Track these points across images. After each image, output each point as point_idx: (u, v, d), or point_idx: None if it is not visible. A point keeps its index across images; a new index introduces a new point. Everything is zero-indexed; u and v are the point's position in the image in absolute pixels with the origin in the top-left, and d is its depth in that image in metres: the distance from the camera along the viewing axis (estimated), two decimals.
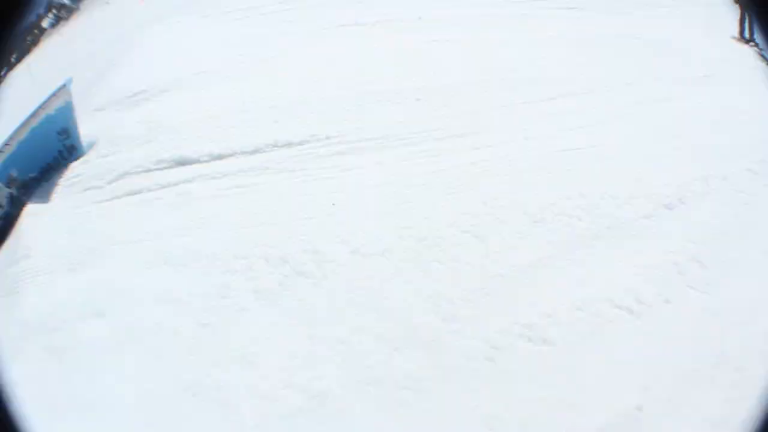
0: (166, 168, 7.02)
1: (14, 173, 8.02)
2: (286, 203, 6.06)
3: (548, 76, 8.29)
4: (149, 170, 7.04)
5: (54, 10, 68.51)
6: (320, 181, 6.32)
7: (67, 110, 7.90)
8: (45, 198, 7.49)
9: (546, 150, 6.60)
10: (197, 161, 6.97)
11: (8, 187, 8.01)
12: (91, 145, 8.13)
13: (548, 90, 7.93)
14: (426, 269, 5.06)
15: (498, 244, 5.21)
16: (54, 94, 7.83)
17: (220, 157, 6.95)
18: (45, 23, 69.25)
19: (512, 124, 7.13)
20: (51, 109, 7.79)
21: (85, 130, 8.26)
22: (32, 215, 7.19)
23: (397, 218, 5.69)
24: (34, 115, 7.90)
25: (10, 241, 7.18)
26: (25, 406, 4.20)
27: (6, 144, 7.97)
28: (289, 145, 6.93)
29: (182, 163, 7.01)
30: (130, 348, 4.70)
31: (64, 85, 7.77)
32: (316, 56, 9.88)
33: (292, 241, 5.47)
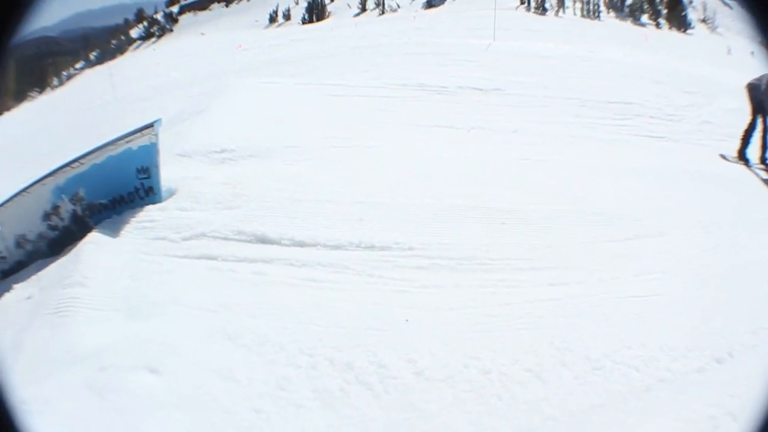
0: (245, 241, 7.03)
1: (82, 192, 8.17)
2: (359, 308, 5.98)
3: (628, 212, 8.25)
4: (227, 239, 7.07)
5: (146, 22, 70.05)
6: (396, 293, 6.24)
7: (152, 151, 7.96)
8: (112, 232, 7.53)
9: (616, 295, 6.48)
10: (278, 243, 6.96)
11: (73, 203, 8.21)
12: (171, 193, 8.18)
13: (626, 228, 7.88)
14: (485, 402, 4.98)
15: (556, 387, 5.13)
16: (140, 130, 7.91)
17: (301, 244, 6.92)
18: (134, 32, 70.75)
19: (588, 262, 7.04)
20: (134, 145, 7.88)
21: (167, 173, 8.33)
22: (96, 244, 7.23)
23: (465, 346, 5.59)
24: (113, 143, 8.01)
25: (68, 259, 7.31)
26: (50, 424, 4.31)
27: (78, 161, 8.12)
28: (371, 248, 6.87)
29: (263, 241, 7.00)
30: (178, 413, 4.65)
31: (152, 125, 7.84)
32: (408, 154, 9.96)
33: (360, 348, 5.40)
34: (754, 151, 10.89)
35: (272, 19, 78.98)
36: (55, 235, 8.66)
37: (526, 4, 72.07)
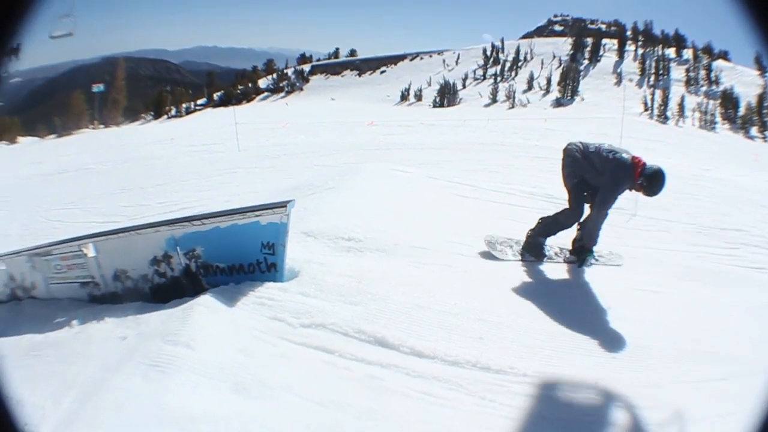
0: (364, 341, 6.89)
1: (199, 250, 8.29)
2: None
3: (721, 351, 7.88)
4: (347, 335, 6.94)
5: (275, 75, 71.87)
6: (507, 420, 6.01)
7: (281, 230, 7.94)
8: (228, 300, 7.51)
9: None
10: (397, 349, 6.81)
11: (187, 258, 8.36)
12: (294, 275, 8.16)
13: (719, 367, 7.50)
14: None
15: None
16: (272, 207, 7.92)
17: (420, 354, 6.75)
18: (262, 82, 72.65)
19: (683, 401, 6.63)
20: (263, 220, 7.89)
21: (291, 251, 8.35)
22: (209, 308, 7.21)
23: None
24: (241, 212, 8.06)
25: (175, 313, 7.33)
26: None
27: (200, 219, 8.25)
28: (486, 369, 6.67)
29: (382, 344, 6.87)
30: None
31: (285, 205, 7.84)
32: (531, 275, 9.88)
33: None
34: None
35: (403, 96, 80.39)
36: (161, 282, 8.87)
37: (649, 111, 72.87)
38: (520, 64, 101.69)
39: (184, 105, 68.93)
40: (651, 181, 9.44)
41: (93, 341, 7.79)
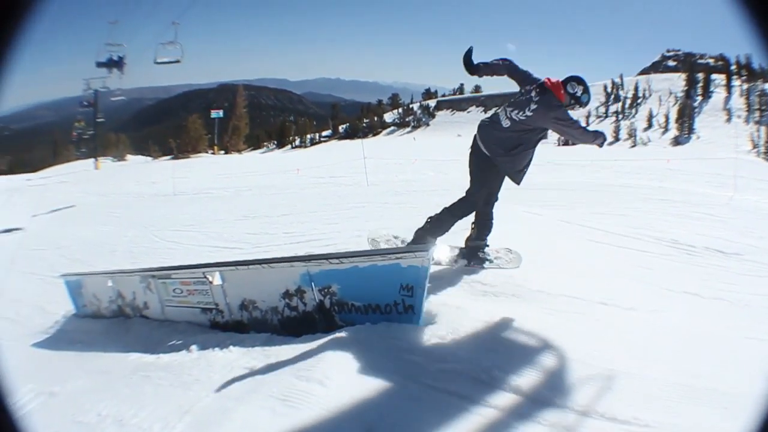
0: (498, 388, 6.53)
1: (335, 288, 8.18)
2: None
3: None
4: (481, 381, 6.59)
5: (401, 109, 72.22)
6: None
7: (421, 274, 7.63)
8: (362, 339, 7.36)
9: None
10: (529, 397, 6.46)
11: (321, 294, 8.29)
12: (430, 317, 7.86)
13: None
14: None
15: None
16: (414, 251, 7.73)
17: (552, 404, 6.40)
18: (388, 116, 73.12)
19: None
20: (404, 263, 7.63)
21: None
22: (343, 345, 7.13)
23: None
24: (382, 254, 7.92)
25: (308, 348, 7.28)
26: None
27: (338, 258, 8.12)
28: (613, 420, 6.19)
29: (516, 392, 6.50)
30: None
31: (426, 249, 7.62)
32: (665, 325, 9.33)
33: None
34: None
35: None
36: (291, 316, 8.81)
37: (756, 149, 71.43)
38: (639, 101, 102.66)
39: (308, 136, 69.90)
40: (579, 86, 9.11)
41: (215, 369, 7.75)
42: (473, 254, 10.16)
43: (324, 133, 71.90)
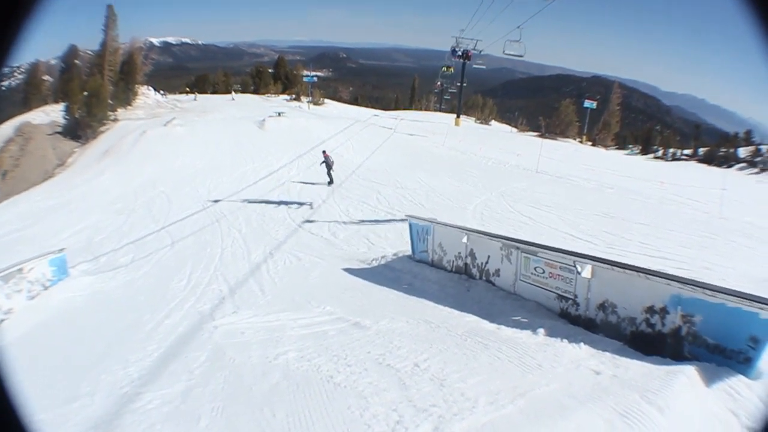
0: None
1: (698, 318, 8.04)
2: None
3: None
4: None
5: (753, 148, 67.23)
6: None
7: None
8: (710, 379, 7.19)
9: None
10: None
11: (682, 320, 8.21)
12: (760, 375, 7.37)
13: None
14: None
15: None
16: None
17: None
18: (742, 151, 68.36)
19: None
20: (763, 314, 7.27)
21: None
22: (691, 380, 7.04)
23: None
24: (750, 299, 7.50)
25: (658, 370, 7.31)
26: None
27: (713, 290, 7.91)
28: None
29: None
30: None
31: None
32: None
33: None
34: None
35: None
36: (645, 332, 8.84)
37: None
38: None
39: (670, 149, 67.69)
40: None
41: (561, 361, 8.00)
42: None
43: (685, 151, 69.26)
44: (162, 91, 78.77)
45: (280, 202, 27.89)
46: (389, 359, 8.41)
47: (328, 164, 32.46)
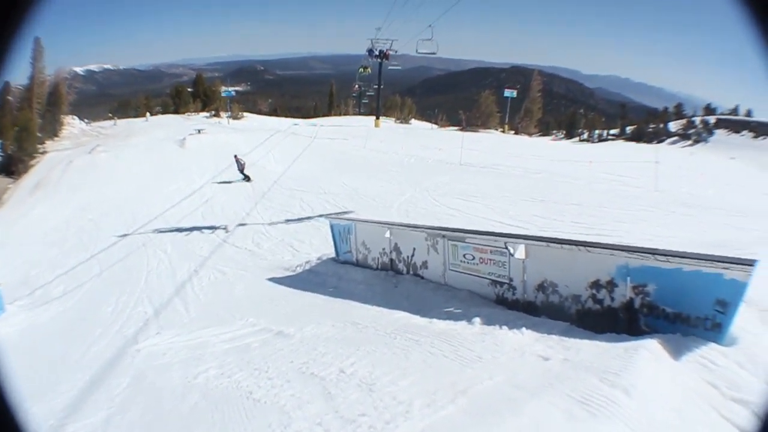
0: None
1: (650, 288, 7.44)
2: None
3: None
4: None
5: (685, 121, 68.93)
6: None
7: (739, 290, 6.68)
8: (672, 351, 6.48)
9: None
10: None
11: (634, 292, 7.65)
12: (733, 341, 6.73)
13: None
14: None
15: None
16: (740, 262, 6.73)
17: None
18: (672, 125, 70.37)
19: None
20: (728, 274, 6.69)
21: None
22: (654, 355, 6.31)
23: None
24: (708, 259, 6.96)
25: (617, 351, 6.54)
26: None
27: (665, 256, 7.29)
28: None
29: None
30: None
31: (752, 263, 6.59)
32: None
33: None
34: None
35: None
36: (593, 309, 8.22)
37: None
38: None
39: (596, 131, 69.15)
40: None
41: (502, 350, 7.30)
42: None
43: (611, 131, 70.59)
44: (86, 120, 78.67)
45: (203, 219, 27.94)
46: (313, 367, 7.82)
47: (240, 165, 36.39)
